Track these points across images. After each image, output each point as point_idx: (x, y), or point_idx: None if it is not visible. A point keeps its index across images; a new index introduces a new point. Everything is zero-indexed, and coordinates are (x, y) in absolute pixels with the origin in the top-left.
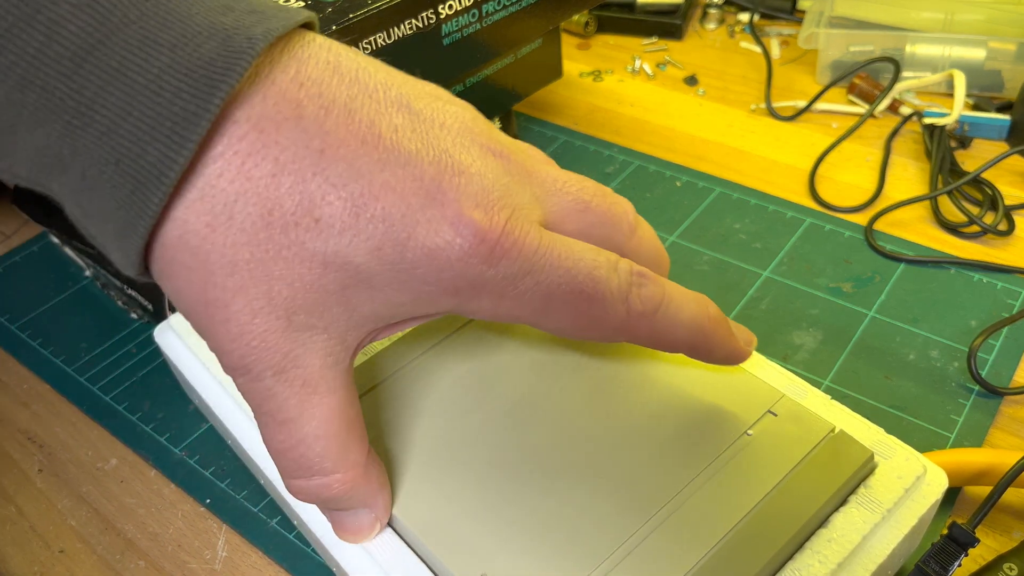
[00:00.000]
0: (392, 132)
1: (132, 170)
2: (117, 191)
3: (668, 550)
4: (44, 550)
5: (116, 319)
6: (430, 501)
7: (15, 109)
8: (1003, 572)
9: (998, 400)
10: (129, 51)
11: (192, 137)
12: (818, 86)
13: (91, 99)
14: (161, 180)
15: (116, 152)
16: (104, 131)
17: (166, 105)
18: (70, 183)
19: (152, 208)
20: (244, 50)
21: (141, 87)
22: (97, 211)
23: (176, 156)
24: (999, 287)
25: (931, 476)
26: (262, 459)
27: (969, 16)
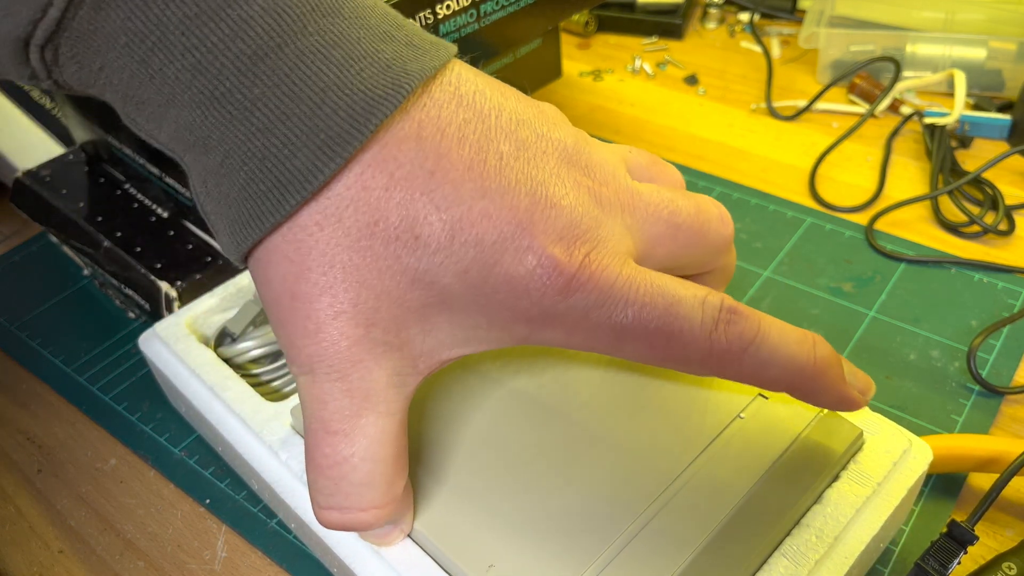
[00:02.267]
0: (497, 160)
1: (276, 171)
2: (252, 185)
3: (671, 533)
4: (43, 550)
5: (115, 319)
6: (435, 496)
7: (181, 88)
8: (1002, 571)
9: (998, 400)
10: (302, 60)
11: (342, 154)
12: (818, 86)
13: (257, 97)
14: (303, 186)
15: (265, 150)
16: (260, 128)
17: (324, 119)
18: (207, 163)
19: (285, 209)
20: (402, 84)
21: (305, 97)
22: (223, 196)
23: (323, 168)
24: (999, 287)
25: (916, 450)
26: (255, 462)
27: (970, 15)
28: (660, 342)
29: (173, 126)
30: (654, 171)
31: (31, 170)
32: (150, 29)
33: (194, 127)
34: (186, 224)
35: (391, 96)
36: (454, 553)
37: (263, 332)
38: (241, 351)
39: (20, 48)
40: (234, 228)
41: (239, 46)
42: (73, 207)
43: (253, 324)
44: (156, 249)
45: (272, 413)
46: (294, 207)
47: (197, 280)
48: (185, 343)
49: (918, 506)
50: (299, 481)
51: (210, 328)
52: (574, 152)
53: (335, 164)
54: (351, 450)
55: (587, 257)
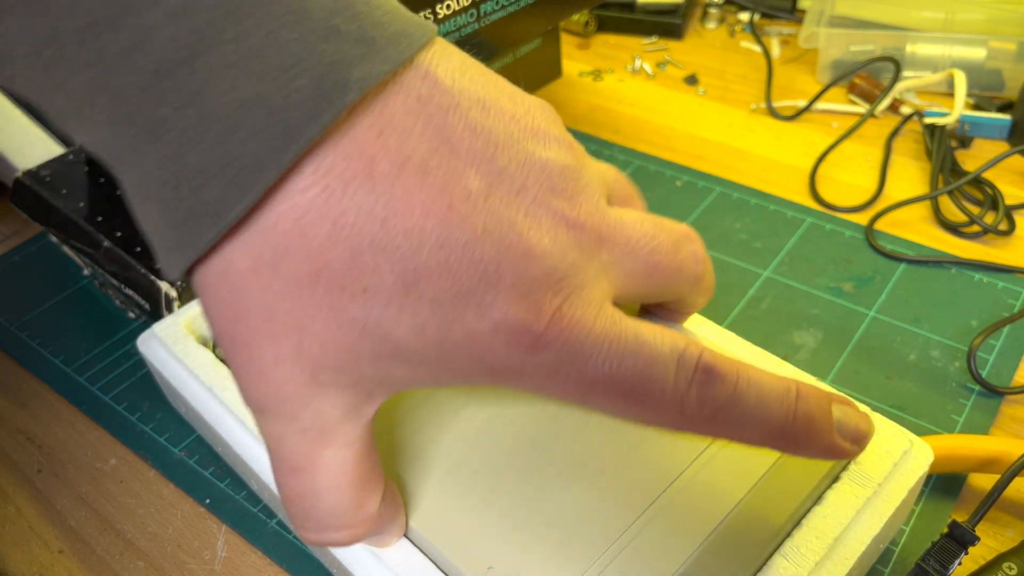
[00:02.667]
0: (463, 201)
1: (189, 201)
2: (170, 214)
3: (671, 534)
4: (43, 550)
5: (115, 319)
6: (434, 498)
7: (87, 105)
8: (1003, 571)
9: (999, 400)
10: (214, 75)
11: (256, 187)
12: (818, 85)
13: (163, 118)
14: (215, 221)
15: (176, 179)
16: (170, 155)
17: (238, 144)
18: (128, 180)
19: (202, 244)
20: (332, 100)
21: (217, 118)
22: (148, 219)
23: (235, 202)
24: (1000, 287)
25: (917, 450)
26: (254, 463)
27: (970, 15)
28: (630, 400)
29: (89, 141)
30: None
31: (31, 170)
32: (46, 41)
33: (105, 146)
34: None
35: (317, 115)
36: (453, 554)
37: None
38: None
39: None
40: (165, 256)
41: (141, 59)
42: (73, 207)
43: None
44: None
45: None
46: (210, 242)
47: None
48: (184, 344)
49: (918, 506)
50: None
51: (209, 328)
52: (559, 177)
53: (249, 199)
54: (314, 483)
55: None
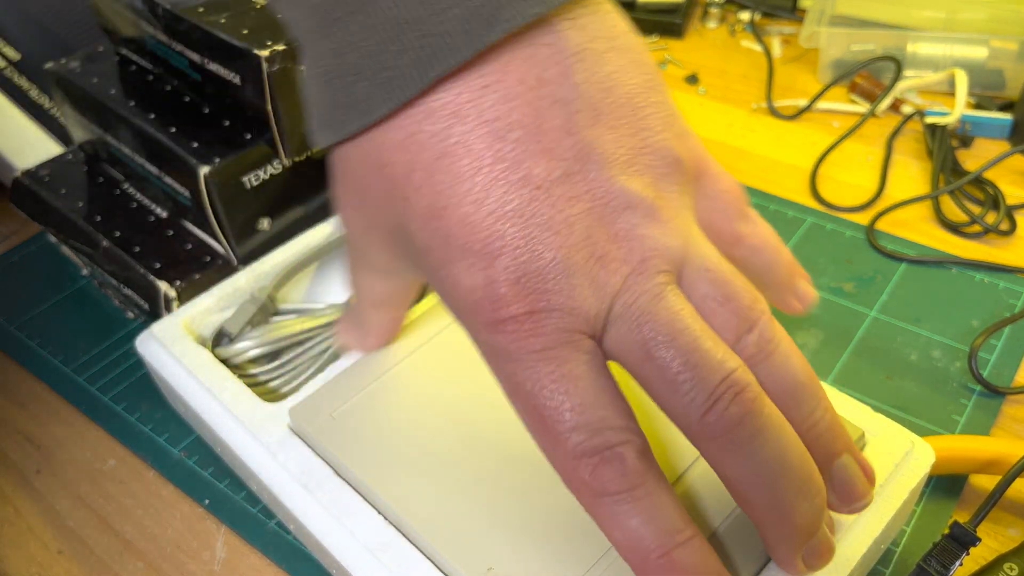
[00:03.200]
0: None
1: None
2: (326, 96)
3: None
4: (42, 551)
5: (114, 319)
6: (434, 500)
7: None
8: (1003, 572)
9: (1000, 400)
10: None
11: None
12: (819, 85)
13: (334, 20)
14: (360, 116)
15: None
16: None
17: (391, 56)
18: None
19: (344, 131)
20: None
21: (378, 31)
22: (311, 96)
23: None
24: (1001, 287)
25: (918, 451)
26: (253, 463)
27: (971, 15)
28: (533, 426)
29: (291, 18)
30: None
31: (30, 170)
32: None
33: (298, 27)
34: (185, 224)
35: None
36: (453, 555)
37: (260, 332)
38: (238, 351)
39: None
40: (315, 123)
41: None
42: (72, 207)
43: (250, 324)
44: (155, 249)
45: (269, 414)
46: (349, 132)
47: (196, 280)
48: (182, 344)
49: (919, 507)
50: (297, 482)
51: (207, 328)
52: (640, 202)
53: (389, 106)
54: None
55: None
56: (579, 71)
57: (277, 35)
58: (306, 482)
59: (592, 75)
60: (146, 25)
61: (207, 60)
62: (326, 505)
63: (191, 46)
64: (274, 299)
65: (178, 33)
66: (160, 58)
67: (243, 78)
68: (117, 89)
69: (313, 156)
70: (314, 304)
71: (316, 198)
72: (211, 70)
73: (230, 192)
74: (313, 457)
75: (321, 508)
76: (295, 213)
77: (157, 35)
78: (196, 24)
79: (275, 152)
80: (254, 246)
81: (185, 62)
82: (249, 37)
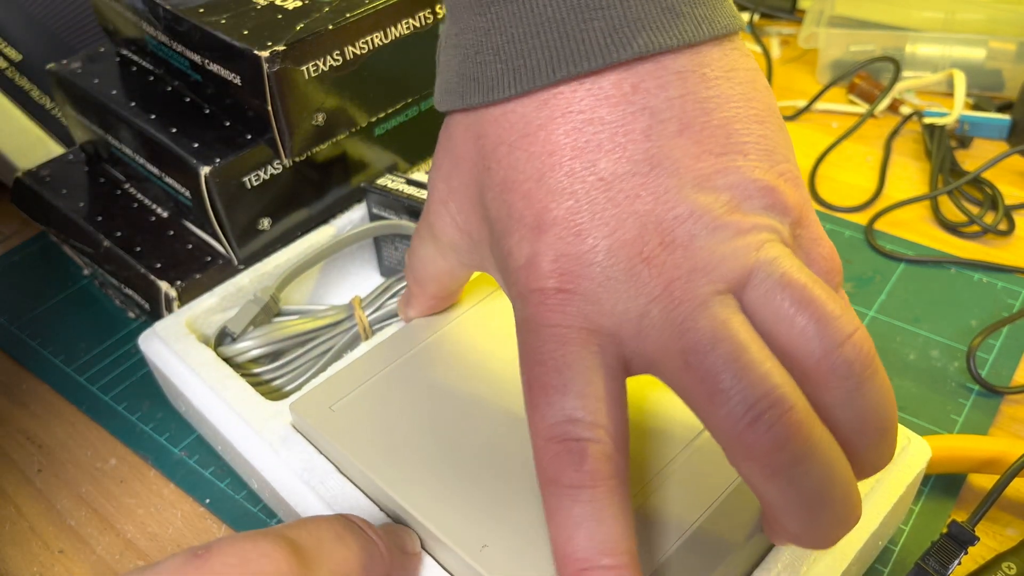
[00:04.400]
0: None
1: (473, 69)
2: (462, 67)
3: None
4: (43, 550)
5: (115, 319)
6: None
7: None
8: (1002, 571)
9: (998, 399)
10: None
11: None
12: (818, 85)
13: (489, 2)
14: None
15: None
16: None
17: (533, 46)
18: (449, 28)
19: (465, 102)
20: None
21: (529, 22)
22: (446, 64)
23: (508, 87)
24: (999, 287)
25: (914, 447)
26: (255, 460)
27: (969, 15)
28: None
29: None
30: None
31: (31, 170)
32: None
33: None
34: (186, 224)
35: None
36: (448, 534)
37: (263, 332)
38: (241, 351)
39: None
40: (441, 87)
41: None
42: (73, 207)
43: (253, 324)
44: (156, 249)
45: (272, 411)
46: (470, 103)
47: (196, 280)
48: (185, 343)
49: (917, 505)
50: (299, 479)
51: (210, 328)
52: (706, 214)
53: (516, 89)
54: None
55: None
56: (677, 87)
57: (277, 35)
58: (308, 479)
59: (692, 94)
60: (147, 26)
61: (207, 61)
62: (328, 501)
63: (192, 47)
64: (277, 300)
65: (178, 34)
66: (161, 59)
67: (243, 78)
68: (118, 90)
69: (314, 158)
70: (317, 305)
71: (318, 199)
72: (212, 71)
73: (231, 192)
74: (315, 454)
75: (323, 504)
76: (296, 214)
77: (158, 36)
78: (196, 25)
79: (276, 153)
80: (255, 246)
81: (186, 63)
82: (249, 37)
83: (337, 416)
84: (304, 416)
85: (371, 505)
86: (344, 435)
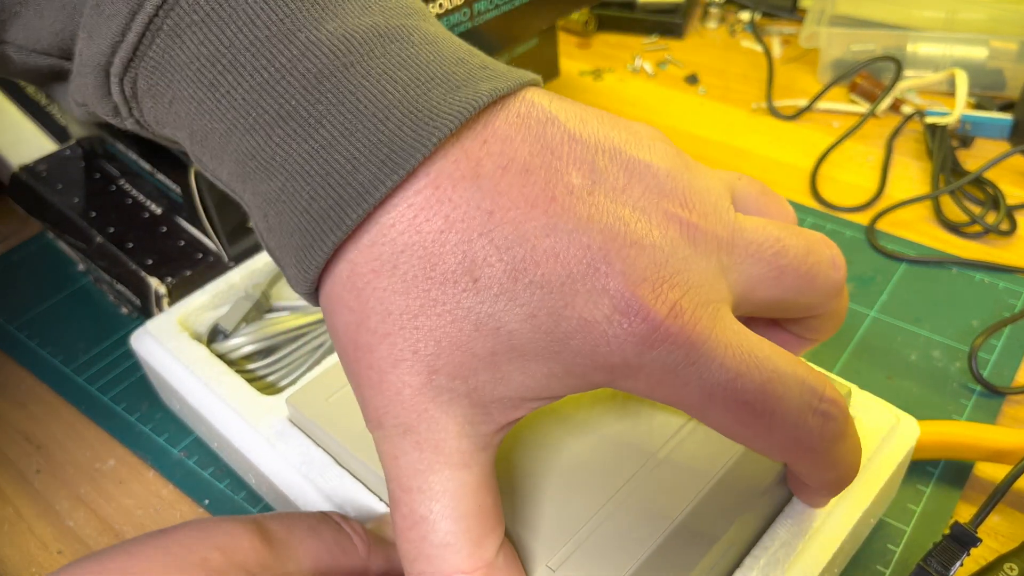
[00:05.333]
0: (566, 195)
1: (338, 187)
2: (315, 204)
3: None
4: (42, 551)
5: (114, 319)
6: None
7: (247, 109)
8: (1004, 572)
9: (1000, 400)
10: (367, 80)
11: (405, 166)
12: (819, 85)
13: (321, 114)
14: (364, 198)
15: (328, 167)
16: (323, 145)
17: (388, 134)
18: (268, 191)
19: (347, 224)
20: (469, 101)
21: (369, 114)
22: (285, 225)
23: (385, 179)
24: (1001, 287)
25: (904, 426)
26: (252, 455)
27: (971, 15)
28: (748, 418)
29: (235, 157)
30: (763, 202)
31: (28, 165)
32: (222, 52)
33: (257, 152)
34: (178, 221)
35: (457, 113)
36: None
37: (255, 328)
38: (234, 347)
39: (102, 78)
40: (299, 256)
41: (306, 66)
42: (67, 202)
43: (245, 320)
44: (148, 245)
45: (268, 406)
46: (355, 221)
47: (187, 277)
48: (177, 340)
49: (919, 506)
50: (296, 472)
51: (202, 325)
52: (667, 179)
53: (397, 176)
54: (427, 508)
55: (677, 305)
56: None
57: None
58: (307, 472)
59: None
60: None
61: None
62: (328, 493)
63: None
64: (268, 296)
65: None
66: None
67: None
68: None
69: None
70: None
71: None
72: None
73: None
74: (313, 447)
75: (323, 496)
76: None
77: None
78: None
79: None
80: (246, 244)
81: None
82: None
83: (334, 408)
84: (301, 408)
85: (370, 496)
86: (342, 427)
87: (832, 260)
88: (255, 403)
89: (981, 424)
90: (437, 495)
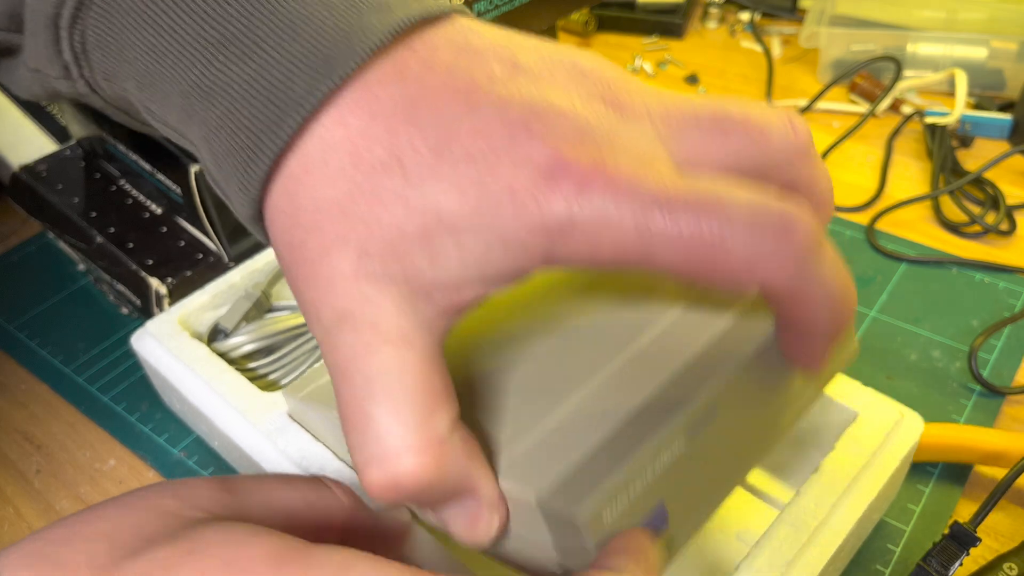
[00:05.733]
0: (487, 81)
1: (277, 100)
2: (255, 122)
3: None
4: None
5: (114, 319)
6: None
7: (191, 41)
8: (1003, 572)
9: (999, 400)
10: (304, 5)
11: (337, 73)
12: (819, 85)
13: (260, 37)
14: (299, 107)
15: (267, 84)
16: (262, 65)
17: (323, 51)
18: (211, 120)
19: (284, 134)
20: (401, 19)
21: (305, 34)
22: (228, 148)
23: (317, 89)
24: (1000, 287)
25: (908, 421)
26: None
27: (971, 15)
28: (697, 246)
29: (180, 91)
30: None
31: (28, 165)
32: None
33: (200, 81)
34: (178, 221)
35: (388, 29)
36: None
37: (256, 327)
38: (235, 346)
39: (53, 33)
40: (240, 176)
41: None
42: (68, 202)
43: (246, 320)
44: (148, 245)
45: (268, 402)
46: (292, 129)
47: (187, 277)
48: (178, 340)
49: (919, 506)
50: (297, 467)
51: (202, 325)
52: (592, 71)
53: (331, 82)
54: (368, 388)
55: (600, 158)
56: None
57: None
58: (307, 466)
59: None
60: None
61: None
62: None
63: None
64: (268, 295)
65: None
66: None
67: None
68: None
69: None
70: None
71: None
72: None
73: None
74: (312, 441)
75: None
76: None
77: None
78: None
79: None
80: (246, 244)
81: None
82: None
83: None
84: (298, 395)
85: None
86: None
87: (785, 119)
88: (255, 399)
89: (979, 427)
90: (377, 374)
